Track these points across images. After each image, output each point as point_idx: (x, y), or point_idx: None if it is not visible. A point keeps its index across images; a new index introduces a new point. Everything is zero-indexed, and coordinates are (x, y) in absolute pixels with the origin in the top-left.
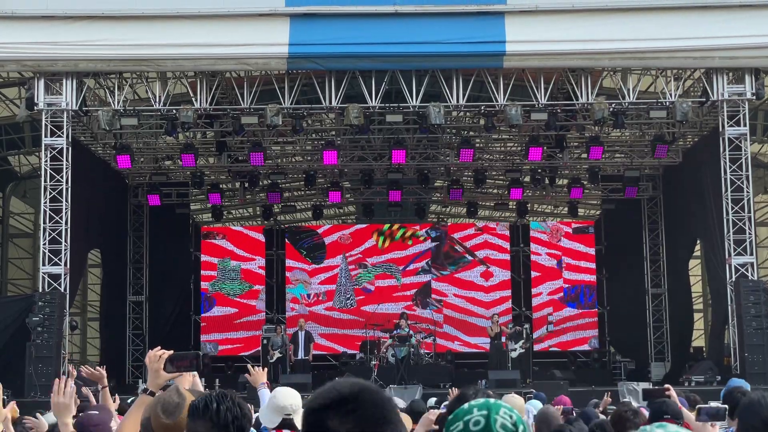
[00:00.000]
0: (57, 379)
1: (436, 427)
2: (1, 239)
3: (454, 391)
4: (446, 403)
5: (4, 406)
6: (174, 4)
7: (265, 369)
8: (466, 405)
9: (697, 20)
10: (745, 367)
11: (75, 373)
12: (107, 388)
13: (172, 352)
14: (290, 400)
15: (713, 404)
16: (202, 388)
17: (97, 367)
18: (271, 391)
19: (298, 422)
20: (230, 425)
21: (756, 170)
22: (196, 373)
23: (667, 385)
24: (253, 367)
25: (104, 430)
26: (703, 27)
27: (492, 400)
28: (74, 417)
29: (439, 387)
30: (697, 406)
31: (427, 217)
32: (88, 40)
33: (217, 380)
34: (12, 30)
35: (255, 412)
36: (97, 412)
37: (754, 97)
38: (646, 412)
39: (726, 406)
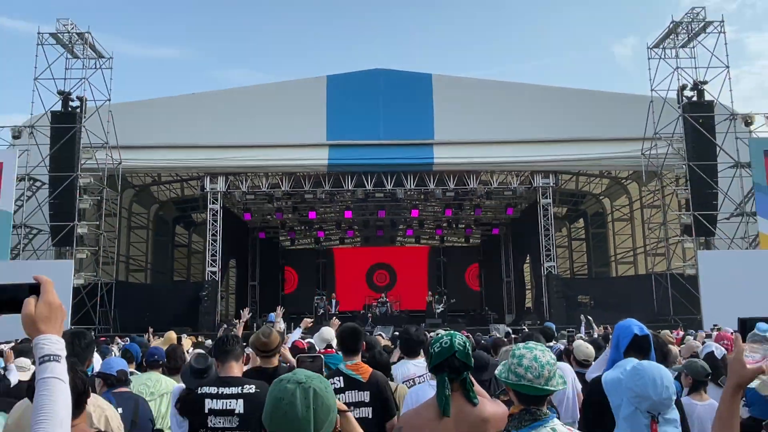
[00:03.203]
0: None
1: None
2: (188, 255)
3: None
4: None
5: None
6: (272, 139)
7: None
8: (439, 335)
9: (528, 148)
10: (551, 317)
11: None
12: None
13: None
14: (330, 334)
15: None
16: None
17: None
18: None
19: (334, 345)
20: None
21: (556, 221)
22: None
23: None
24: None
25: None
26: (531, 151)
27: (453, 332)
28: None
29: (401, 327)
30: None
31: (396, 242)
32: (229, 157)
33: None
34: (195, 153)
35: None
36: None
37: (555, 185)
38: (505, 340)
39: None
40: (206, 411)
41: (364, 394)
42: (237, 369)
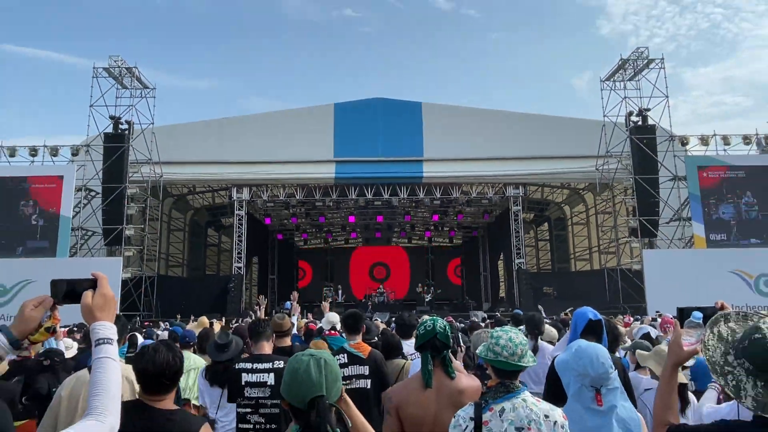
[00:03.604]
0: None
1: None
2: (218, 253)
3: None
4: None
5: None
6: (288, 156)
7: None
8: (423, 319)
9: (501, 164)
10: (521, 305)
11: (263, 300)
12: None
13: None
14: (334, 318)
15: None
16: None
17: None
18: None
19: (337, 327)
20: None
21: (524, 224)
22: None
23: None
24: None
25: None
26: (504, 167)
27: (436, 317)
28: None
29: (396, 314)
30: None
31: (392, 243)
32: (252, 171)
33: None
34: (224, 168)
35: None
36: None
37: (524, 195)
38: (482, 324)
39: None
40: (243, 383)
41: (364, 368)
42: (268, 347)
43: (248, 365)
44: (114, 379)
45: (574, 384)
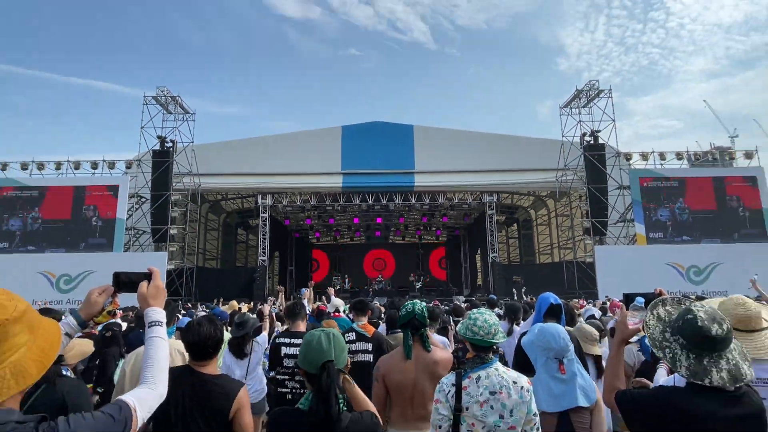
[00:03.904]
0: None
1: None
2: (246, 248)
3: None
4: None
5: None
6: (304, 169)
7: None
8: (405, 303)
9: (479, 176)
10: (495, 291)
11: (282, 288)
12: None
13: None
14: (339, 302)
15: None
16: (312, 295)
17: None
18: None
19: (341, 311)
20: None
21: (498, 225)
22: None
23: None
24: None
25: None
26: (480, 178)
27: (416, 301)
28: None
29: (391, 299)
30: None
31: (389, 240)
32: (274, 181)
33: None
34: (252, 178)
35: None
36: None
37: (497, 201)
38: (463, 307)
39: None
40: (282, 355)
41: (369, 345)
42: (302, 326)
43: (286, 340)
44: (163, 355)
45: (540, 358)
